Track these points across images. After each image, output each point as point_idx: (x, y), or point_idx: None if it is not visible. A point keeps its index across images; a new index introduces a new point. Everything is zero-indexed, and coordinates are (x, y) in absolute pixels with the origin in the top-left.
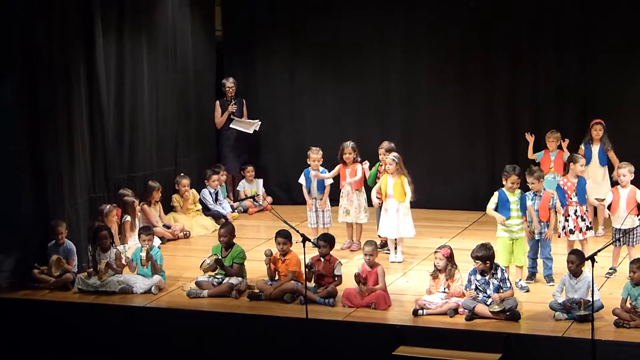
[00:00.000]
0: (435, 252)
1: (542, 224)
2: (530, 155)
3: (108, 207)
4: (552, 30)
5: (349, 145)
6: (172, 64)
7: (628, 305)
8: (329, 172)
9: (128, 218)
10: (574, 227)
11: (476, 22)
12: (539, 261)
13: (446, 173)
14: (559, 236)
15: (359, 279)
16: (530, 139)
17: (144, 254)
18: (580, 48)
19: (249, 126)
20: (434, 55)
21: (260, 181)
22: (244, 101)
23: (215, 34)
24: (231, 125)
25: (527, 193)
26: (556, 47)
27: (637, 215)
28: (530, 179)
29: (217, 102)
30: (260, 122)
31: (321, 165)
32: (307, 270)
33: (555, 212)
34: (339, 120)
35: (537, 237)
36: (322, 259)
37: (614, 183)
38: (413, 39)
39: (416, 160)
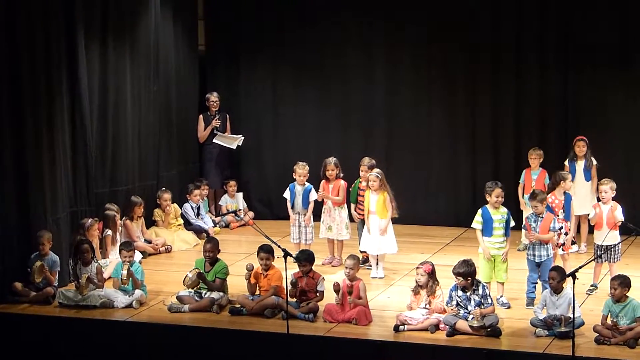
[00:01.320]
0: (417, 268)
1: (543, 246)
2: (523, 206)
3: (90, 221)
4: (534, 46)
5: (331, 161)
6: (155, 78)
7: (609, 322)
8: (314, 187)
9: (109, 232)
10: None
11: (459, 39)
12: (538, 287)
13: (428, 189)
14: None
15: (338, 287)
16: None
17: (124, 272)
18: (563, 63)
19: (232, 141)
20: (417, 73)
21: (240, 194)
22: (227, 116)
23: (198, 48)
24: (214, 140)
25: (529, 215)
26: (539, 63)
27: (617, 231)
28: (534, 202)
29: (201, 116)
30: (243, 138)
31: (306, 181)
32: (290, 287)
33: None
34: (321, 135)
35: (537, 259)
36: (305, 276)
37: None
38: (396, 56)
39: (398, 176)
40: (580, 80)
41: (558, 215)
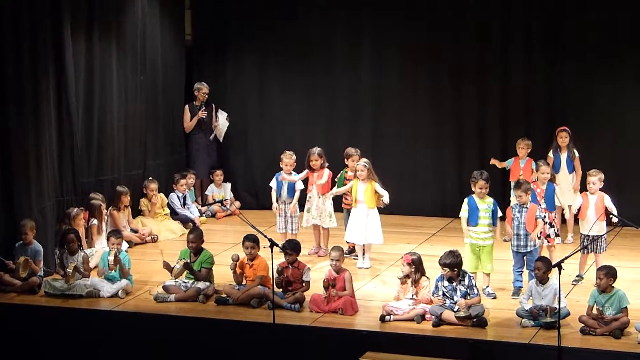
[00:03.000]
0: (402, 258)
1: (529, 236)
2: (498, 163)
3: (75, 210)
4: (520, 37)
5: (315, 151)
6: (142, 68)
7: (594, 312)
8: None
9: (95, 221)
10: (541, 233)
11: (446, 31)
12: (525, 275)
13: (414, 179)
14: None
15: (327, 284)
16: (496, 162)
17: (111, 257)
18: (549, 55)
19: (223, 126)
20: (404, 63)
21: (228, 185)
22: (214, 106)
23: (185, 37)
24: (215, 137)
25: (513, 205)
26: (525, 54)
27: (606, 221)
28: (518, 191)
29: (187, 106)
30: (226, 114)
31: (293, 170)
32: (276, 277)
33: (544, 222)
34: (308, 125)
35: (522, 250)
36: (291, 266)
37: (583, 189)
38: (383, 46)
39: (384, 166)
40: (567, 73)
41: (541, 205)
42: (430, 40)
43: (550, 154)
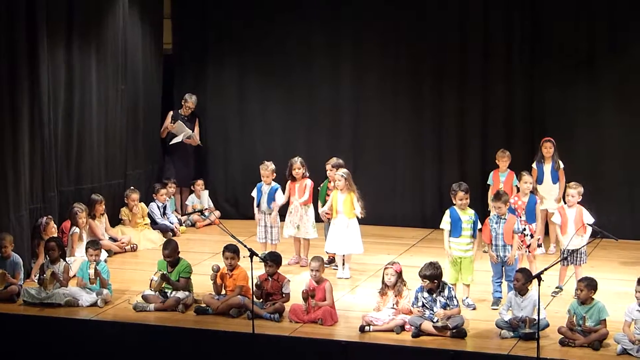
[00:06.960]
0: (386, 268)
1: (507, 247)
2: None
3: (44, 219)
4: (500, 47)
5: (297, 160)
6: (122, 77)
7: (574, 323)
8: (280, 186)
9: (76, 230)
10: (522, 242)
11: (427, 42)
12: (504, 286)
13: (394, 190)
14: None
15: (307, 295)
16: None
17: (92, 271)
18: (528, 66)
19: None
20: (384, 73)
21: (206, 192)
22: (198, 119)
23: (164, 47)
24: (176, 141)
25: (492, 216)
26: (505, 65)
27: (584, 235)
28: (497, 202)
29: (171, 112)
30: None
31: (273, 180)
32: (255, 289)
33: (524, 234)
34: (288, 135)
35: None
36: (270, 278)
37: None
38: (364, 56)
39: (365, 176)
40: (546, 84)
41: (521, 217)
42: (412, 55)
43: (534, 165)
